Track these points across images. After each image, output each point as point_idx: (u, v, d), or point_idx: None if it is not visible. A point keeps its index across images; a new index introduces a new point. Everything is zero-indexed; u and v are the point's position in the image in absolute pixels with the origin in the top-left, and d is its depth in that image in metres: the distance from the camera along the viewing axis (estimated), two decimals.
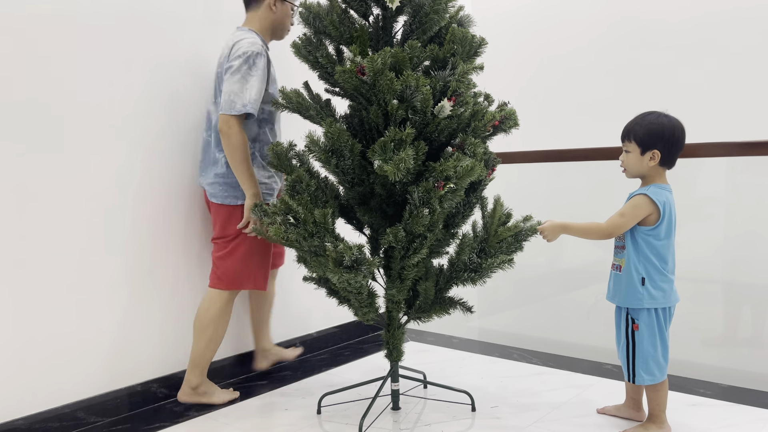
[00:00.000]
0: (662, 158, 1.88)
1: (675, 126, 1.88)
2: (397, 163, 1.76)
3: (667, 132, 1.87)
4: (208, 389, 2.35)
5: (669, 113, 1.91)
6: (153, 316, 2.40)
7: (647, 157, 1.89)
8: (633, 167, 1.93)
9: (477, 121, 1.98)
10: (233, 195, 2.29)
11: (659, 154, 1.88)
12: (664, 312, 1.91)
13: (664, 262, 1.90)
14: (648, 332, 1.90)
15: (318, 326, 3.08)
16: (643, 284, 1.89)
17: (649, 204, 1.88)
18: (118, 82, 2.26)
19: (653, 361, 1.90)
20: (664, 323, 1.91)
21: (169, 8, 2.40)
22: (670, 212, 1.89)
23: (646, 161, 1.90)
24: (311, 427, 2.15)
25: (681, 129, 1.90)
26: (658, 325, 1.90)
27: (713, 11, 2.96)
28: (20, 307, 2.04)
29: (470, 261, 2.04)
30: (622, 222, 1.89)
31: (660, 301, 1.89)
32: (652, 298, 1.89)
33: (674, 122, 1.89)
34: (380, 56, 1.80)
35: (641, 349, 1.91)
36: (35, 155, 2.06)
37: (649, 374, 1.91)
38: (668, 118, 1.90)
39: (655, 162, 1.88)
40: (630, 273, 1.91)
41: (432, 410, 2.25)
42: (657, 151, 1.87)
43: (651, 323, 1.90)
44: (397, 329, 2.14)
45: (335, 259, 1.79)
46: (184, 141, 2.48)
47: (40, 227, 2.08)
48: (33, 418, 2.06)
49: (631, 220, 1.89)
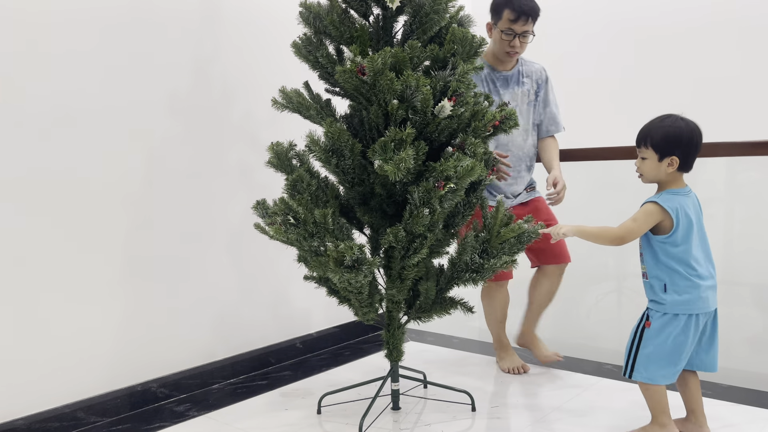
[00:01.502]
0: (681, 163, 1.81)
1: (693, 130, 1.81)
2: (397, 163, 1.76)
3: (685, 137, 1.79)
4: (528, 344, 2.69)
5: (685, 116, 1.84)
6: (153, 316, 2.40)
7: (665, 164, 1.81)
8: (650, 173, 1.86)
9: (477, 121, 1.98)
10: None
11: (678, 160, 1.80)
12: (688, 319, 1.81)
13: (688, 267, 1.81)
14: (658, 334, 1.83)
15: (318, 326, 3.08)
16: (665, 291, 1.83)
17: (660, 212, 1.81)
18: (118, 82, 2.26)
19: (655, 362, 1.84)
20: (687, 331, 1.81)
21: (169, 8, 2.40)
22: (687, 216, 1.81)
23: (663, 168, 1.82)
24: (311, 427, 2.14)
25: (699, 133, 1.82)
26: (675, 331, 1.81)
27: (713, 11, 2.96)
28: (20, 307, 2.04)
29: (472, 261, 2.04)
30: (634, 227, 1.82)
31: (681, 307, 1.81)
32: (674, 304, 1.81)
33: (692, 126, 1.82)
34: (380, 56, 1.80)
35: (645, 348, 1.86)
36: (35, 155, 2.06)
37: (648, 372, 1.85)
38: (686, 121, 1.82)
39: (673, 168, 1.81)
40: (652, 280, 1.87)
41: (432, 410, 2.25)
42: (675, 157, 1.80)
43: (664, 326, 1.83)
44: (397, 329, 2.14)
45: (336, 258, 1.79)
46: (185, 141, 2.48)
47: (40, 227, 2.08)
48: (33, 418, 2.06)
49: (643, 225, 1.82)
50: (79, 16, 2.15)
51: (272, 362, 2.82)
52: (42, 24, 2.06)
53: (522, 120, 2.42)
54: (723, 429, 2.02)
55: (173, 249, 2.45)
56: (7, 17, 1.98)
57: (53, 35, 2.09)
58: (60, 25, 2.10)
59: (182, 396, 2.47)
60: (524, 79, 2.46)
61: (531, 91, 2.45)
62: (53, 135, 2.10)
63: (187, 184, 2.49)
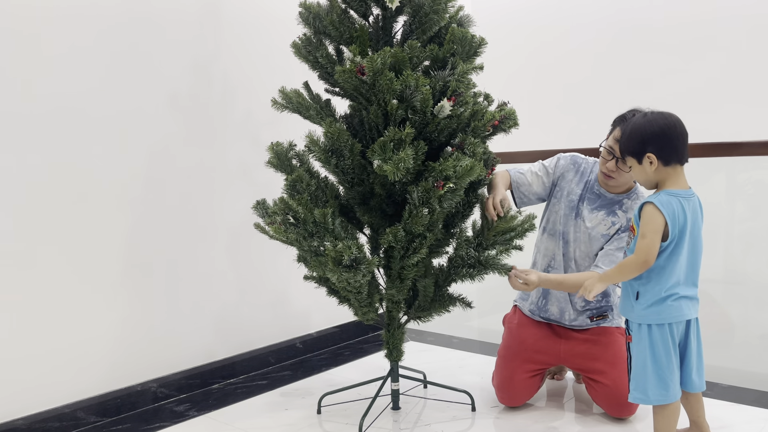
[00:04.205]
0: (661, 158, 1.68)
1: (656, 121, 1.69)
2: (396, 163, 1.76)
3: (648, 131, 1.69)
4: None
5: (652, 110, 1.75)
6: (153, 316, 2.40)
7: (646, 164, 1.70)
8: (639, 178, 1.76)
9: (477, 120, 1.98)
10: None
11: (654, 155, 1.68)
12: (661, 329, 1.69)
13: (666, 276, 1.68)
14: (638, 348, 1.73)
15: (318, 326, 3.08)
16: (636, 298, 1.72)
17: (659, 213, 1.66)
18: (118, 82, 2.26)
19: (644, 379, 1.71)
20: (664, 342, 1.70)
21: (169, 8, 2.41)
22: (684, 223, 1.68)
23: (647, 168, 1.71)
24: (311, 427, 2.15)
25: (666, 122, 1.69)
26: (652, 343, 1.70)
27: (712, 11, 2.96)
28: (20, 307, 2.04)
29: (467, 256, 2.04)
30: (647, 243, 1.66)
31: (652, 317, 1.70)
32: (644, 314, 1.71)
33: (656, 117, 1.71)
34: (380, 56, 1.80)
35: (635, 365, 1.75)
36: (35, 155, 2.06)
37: (640, 392, 1.73)
38: (647, 115, 1.72)
39: (655, 165, 1.69)
40: (626, 284, 1.76)
41: (432, 410, 2.25)
42: (650, 153, 1.69)
43: (642, 339, 1.72)
44: (397, 329, 2.15)
45: (334, 258, 1.79)
46: (185, 141, 2.48)
47: (40, 227, 2.08)
48: (33, 418, 2.06)
49: (654, 236, 1.65)
50: (79, 16, 2.15)
51: (272, 362, 2.82)
52: (42, 24, 2.06)
53: (585, 246, 2.16)
54: (723, 429, 2.02)
55: (173, 249, 2.45)
56: (9, 14, 1.98)
57: (53, 34, 2.09)
58: (60, 25, 2.10)
59: (182, 396, 2.47)
60: (619, 211, 2.12)
61: (615, 226, 2.11)
62: (53, 135, 2.10)
63: (187, 184, 2.49)
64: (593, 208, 2.15)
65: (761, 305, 2.66)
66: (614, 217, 2.11)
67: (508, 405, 2.24)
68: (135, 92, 2.31)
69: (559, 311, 2.22)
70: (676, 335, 1.71)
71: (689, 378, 1.75)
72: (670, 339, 1.70)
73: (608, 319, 2.22)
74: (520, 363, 2.20)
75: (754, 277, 2.72)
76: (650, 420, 2.03)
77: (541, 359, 2.21)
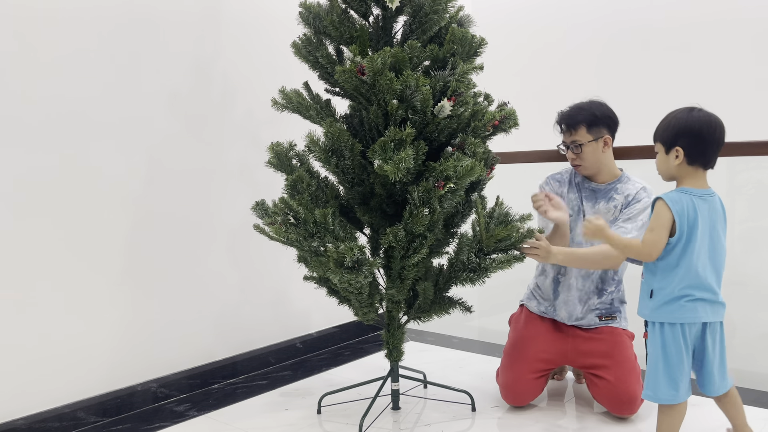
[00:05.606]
0: (688, 155, 1.68)
1: (698, 119, 1.68)
2: (397, 163, 1.76)
3: (685, 126, 1.68)
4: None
5: (701, 108, 1.72)
6: (153, 316, 2.40)
7: (672, 156, 1.70)
8: (660, 167, 1.76)
9: (477, 121, 1.98)
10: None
11: (682, 150, 1.67)
12: (673, 329, 1.68)
13: (681, 276, 1.67)
14: (652, 346, 1.72)
15: (318, 326, 3.08)
16: (651, 296, 1.72)
17: (667, 209, 1.66)
18: (118, 82, 2.26)
19: (656, 378, 1.71)
20: (675, 342, 1.68)
21: (170, 8, 2.41)
22: (694, 221, 1.66)
23: (671, 160, 1.70)
24: (311, 427, 2.14)
25: (709, 123, 1.68)
26: (663, 342, 1.69)
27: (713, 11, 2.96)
28: (21, 307, 2.04)
29: (469, 261, 2.04)
30: (654, 237, 1.67)
31: (664, 316, 1.69)
32: (656, 312, 1.70)
33: (699, 116, 1.69)
34: (380, 56, 1.80)
35: (649, 362, 1.73)
36: (35, 155, 2.06)
37: (651, 390, 1.72)
38: (693, 111, 1.70)
39: (679, 160, 1.68)
40: (643, 283, 1.76)
41: (432, 410, 2.25)
42: (679, 147, 1.68)
43: (655, 337, 1.71)
44: (397, 329, 2.14)
45: (336, 259, 1.79)
46: (185, 141, 2.48)
47: (40, 227, 2.08)
48: (33, 418, 2.06)
49: (661, 231, 1.66)
50: (80, 19, 2.15)
51: (272, 362, 2.82)
52: (42, 24, 2.06)
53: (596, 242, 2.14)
54: (723, 429, 2.02)
55: (173, 249, 2.45)
56: (9, 15, 1.98)
57: (53, 35, 2.09)
58: (60, 25, 2.10)
59: (182, 396, 2.47)
60: (616, 195, 2.20)
61: (617, 208, 2.19)
62: (53, 135, 2.10)
63: (188, 184, 2.49)
64: (594, 203, 2.23)
65: (761, 305, 2.66)
66: (613, 202, 2.20)
67: (513, 404, 2.24)
68: (135, 93, 2.31)
69: (568, 315, 2.24)
70: (689, 336, 1.69)
71: (711, 383, 1.74)
72: (682, 340, 1.68)
73: (616, 321, 2.24)
74: (527, 364, 2.21)
75: (754, 277, 2.71)
76: (652, 420, 2.03)
77: (548, 359, 2.23)
